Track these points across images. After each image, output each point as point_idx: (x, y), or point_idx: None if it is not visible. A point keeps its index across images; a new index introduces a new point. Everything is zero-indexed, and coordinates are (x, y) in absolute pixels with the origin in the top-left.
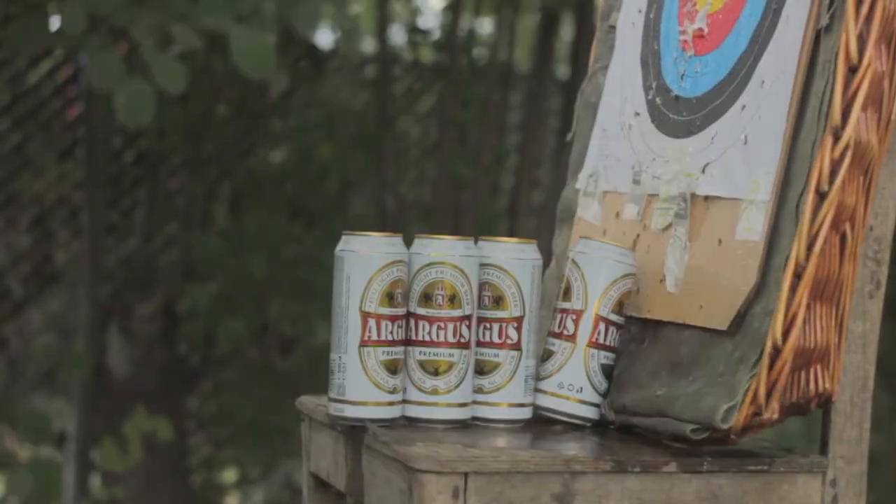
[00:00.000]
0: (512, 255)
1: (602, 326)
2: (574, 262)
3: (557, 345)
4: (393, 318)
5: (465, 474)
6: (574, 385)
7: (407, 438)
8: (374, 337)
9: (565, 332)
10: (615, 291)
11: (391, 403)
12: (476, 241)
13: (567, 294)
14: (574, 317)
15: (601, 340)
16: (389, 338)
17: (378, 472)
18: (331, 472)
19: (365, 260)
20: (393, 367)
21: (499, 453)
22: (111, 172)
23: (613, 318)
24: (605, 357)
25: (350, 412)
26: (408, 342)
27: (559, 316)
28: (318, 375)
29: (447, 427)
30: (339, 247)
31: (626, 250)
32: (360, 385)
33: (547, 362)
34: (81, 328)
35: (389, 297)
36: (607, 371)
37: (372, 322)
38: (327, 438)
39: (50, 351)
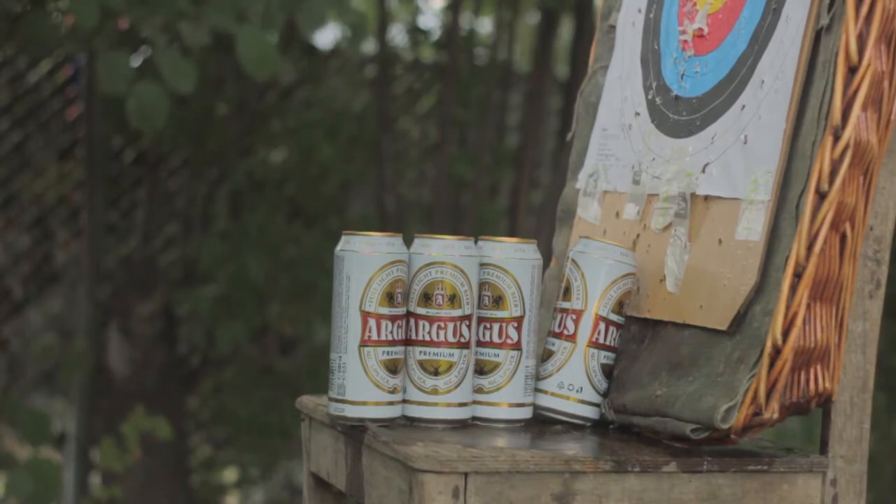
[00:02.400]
0: (511, 255)
1: (602, 326)
2: (574, 261)
3: (557, 344)
4: (393, 318)
5: (465, 474)
6: (574, 385)
7: (407, 438)
8: (374, 337)
9: (565, 332)
10: (615, 291)
11: (391, 403)
12: (476, 241)
13: (567, 294)
14: (574, 317)
15: (601, 340)
16: (389, 337)
17: (378, 471)
18: (331, 472)
19: (365, 259)
20: (393, 367)
21: (499, 453)
22: (111, 172)
23: (613, 317)
24: (605, 357)
25: (350, 412)
26: (408, 342)
27: (559, 316)
28: (318, 375)
29: (447, 427)
30: (339, 246)
31: (626, 250)
32: (360, 385)
33: (547, 362)
34: (81, 328)
35: (389, 297)
36: (607, 371)
37: (372, 322)
38: (327, 438)
39: (50, 351)
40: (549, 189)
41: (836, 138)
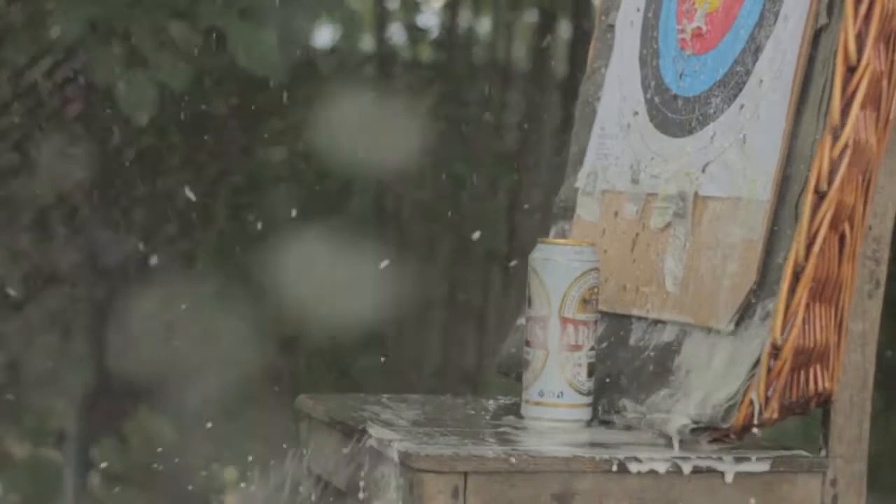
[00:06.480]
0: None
1: (570, 328)
2: (532, 267)
3: (532, 353)
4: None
5: (465, 473)
6: (553, 391)
7: (406, 438)
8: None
9: (535, 340)
10: (577, 290)
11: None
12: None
13: (531, 301)
14: (541, 323)
15: (572, 342)
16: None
17: (377, 470)
18: (330, 471)
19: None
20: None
21: (498, 452)
22: (111, 171)
23: (580, 316)
24: (580, 357)
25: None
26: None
27: (529, 324)
28: (318, 374)
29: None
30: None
31: (582, 247)
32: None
33: (527, 372)
34: (81, 328)
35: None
36: (589, 370)
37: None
38: (326, 437)
39: (50, 351)
40: (549, 188)
41: (835, 138)
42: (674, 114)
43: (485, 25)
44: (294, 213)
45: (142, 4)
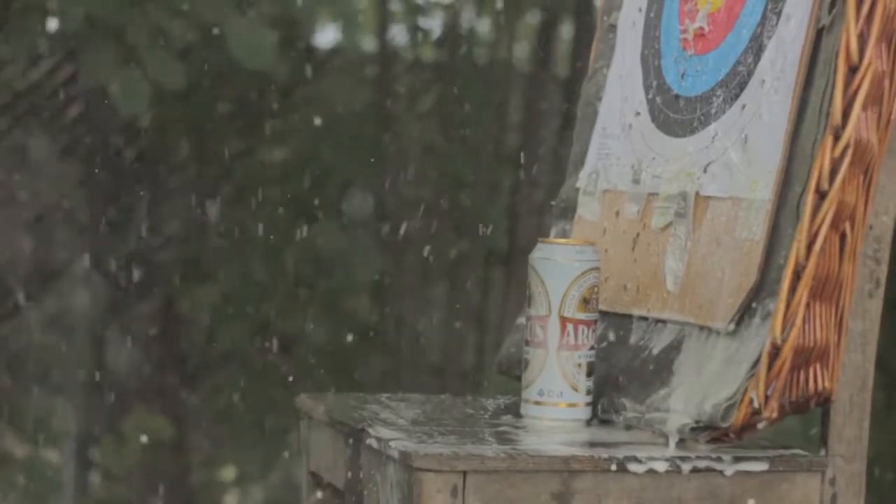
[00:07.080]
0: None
1: (570, 328)
2: (533, 267)
3: (531, 353)
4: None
5: (464, 473)
6: (553, 391)
7: (406, 437)
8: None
9: (535, 340)
10: (577, 290)
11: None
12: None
13: (531, 300)
14: (541, 323)
15: (572, 342)
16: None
17: (377, 470)
18: (330, 471)
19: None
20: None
21: (498, 452)
22: (112, 171)
23: (580, 316)
24: (580, 357)
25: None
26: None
27: (529, 324)
28: (318, 374)
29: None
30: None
31: (582, 247)
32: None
33: (526, 372)
34: (81, 327)
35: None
36: (588, 369)
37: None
38: (326, 437)
39: (49, 350)
40: (550, 188)
41: (837, 138)
42: (675, 114)
43: (486, 26)
44: (293, 213)
45: (140, 4)
